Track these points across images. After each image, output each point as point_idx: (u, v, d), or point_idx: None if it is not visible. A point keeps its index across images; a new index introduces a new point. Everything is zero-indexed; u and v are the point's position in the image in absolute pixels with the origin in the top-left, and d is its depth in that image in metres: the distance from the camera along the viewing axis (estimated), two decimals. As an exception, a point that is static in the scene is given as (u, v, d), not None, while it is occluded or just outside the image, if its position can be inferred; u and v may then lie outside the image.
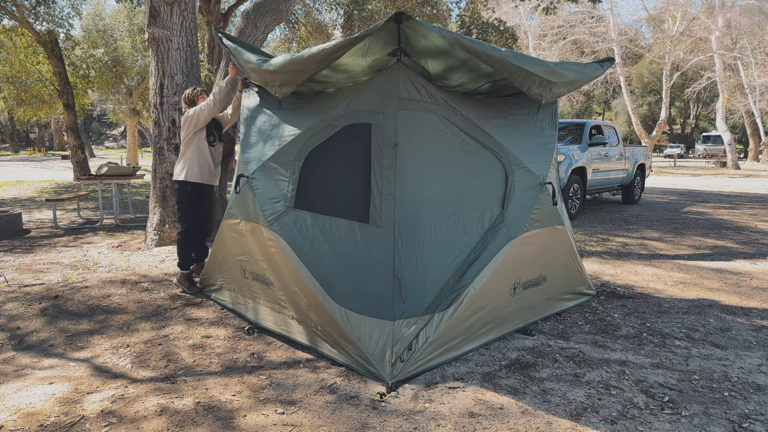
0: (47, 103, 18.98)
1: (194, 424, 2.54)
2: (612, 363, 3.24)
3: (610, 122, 21.39)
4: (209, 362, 3.24)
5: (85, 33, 21.34)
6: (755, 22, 25.68)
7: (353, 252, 3.21)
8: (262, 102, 4.07)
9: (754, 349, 3.49)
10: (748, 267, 5.70)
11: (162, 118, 6.16)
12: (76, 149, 14.07)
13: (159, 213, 6.29)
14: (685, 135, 49.23)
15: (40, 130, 47.21)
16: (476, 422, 2.55)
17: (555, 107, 4.17)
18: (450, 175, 3.39)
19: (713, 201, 12.13)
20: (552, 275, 3.97)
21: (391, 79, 3.24)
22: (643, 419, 2.59)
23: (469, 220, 3.41)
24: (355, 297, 3.10)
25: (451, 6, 22.26)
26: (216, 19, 9.51)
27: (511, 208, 3.58)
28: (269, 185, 3.73)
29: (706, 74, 29.37)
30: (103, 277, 5.09)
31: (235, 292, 4.06)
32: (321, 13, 17.34)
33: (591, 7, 23.46)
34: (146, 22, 6.13)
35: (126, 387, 2.91)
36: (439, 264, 3.21)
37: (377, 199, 3.18)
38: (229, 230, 4.05)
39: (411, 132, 3.23)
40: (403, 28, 2.75)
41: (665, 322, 3.99)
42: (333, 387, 2.91)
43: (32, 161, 30.91)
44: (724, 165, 27.15)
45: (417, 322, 3.03)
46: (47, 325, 3.87)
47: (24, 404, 2.72)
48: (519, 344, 3.51)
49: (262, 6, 6.98)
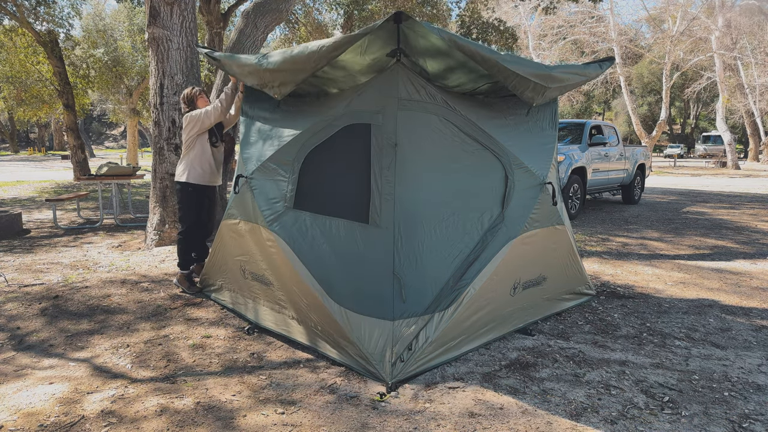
0: (47, 103, 18.99)
1: (194, 424, 2.54)
2: (612, 363, 3.24)
3: (610, 122, 21.39)
4: (209, 362, 3.24)
5: (85, 33, 21.35)
6: (755, 22, 25.68)
7: (353, 252, 3.21)
8: (262, 102, 4.07)
9: (754, 349, 3.49)
10: (748, 267, 5.70)
11: (162, 118, 6.16)
12: (76, 149, 14.07)
13: (159, 213, 6.29)
14: (685, 135, 49.23)
15: (40, 130, 47.22)
16: (476, 422, 2.55)
17: (555, 107, 4.17)
18: (450, 175, 3.38)
19: (713, 201, 12.13)
20: (552, 275, 3.97)
21: (390, 79, 3.24)
22: (643, 419, 2.59)
23: (468, 220, 3.41)
24: (355, 297, 3.10)
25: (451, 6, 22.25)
26: (216, 19, 9.51)
27: (510, 208, 3.58)
28: (268, 185, 3.73)
29: (706, 74, 29.37)
30: (103, 277, 5.09)
31: (235, 292, 4.06)
32: (321, 13, 17.34)
33: (591, 7, 23.47)
34: (146, 22, 6.13)
35: (126, 387, 2.91)
36: (439, 264, 3.21)
37: (377, 199, 3.18)
38: (228, 230, 4.05)
39: (410, 132, 3.23)
40: (403, 27, 2.75)
41: (665, 322, 3.99)
42: (333, 387, 2.91)
43: (32, 161, 30.91)
44: (724, 165, 27.15)
45: (417, 322, 3.03)
46: (47, 325, 3.87)
47: (24, 404, 2.72)
48: (519, 344, 3.51)
49: (262, 6, 6.98)
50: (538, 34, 26.78)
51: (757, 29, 26.24)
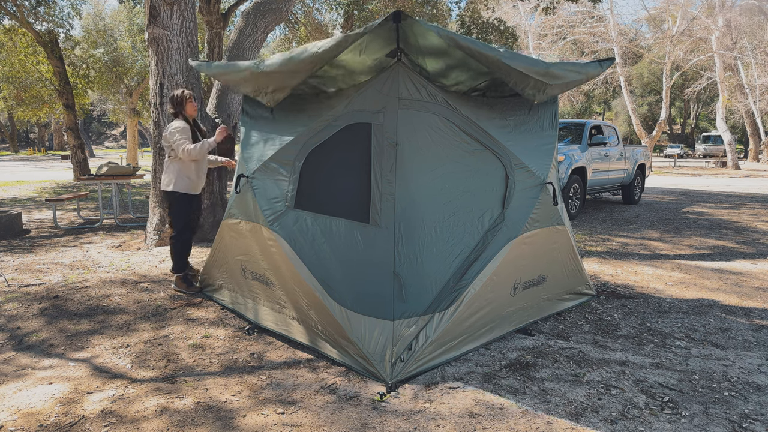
0: (47, 103, 19.00)
1: (194, 424, 2.54)
2: (612, 363, 3.24)
3: (610, 122, 21.37)
4: (209, 362, 3.24)
5: (85, 33, 21.36)
6: (755, 22, 25.69)
7: (353, 252, 3.21)
8: (263, 102, 4.07)
9: (754, 349, 3.49)
10: (748, 267, 5.70)
11: (162, 118, 6.16)
12: (76, 149, 14.07)
13: (159, 213, 6.29)
14: (685, 135, 49.22)
15: (40, 130, 47.21)
16: (476, 422, 2.55)
17: (555, 107, 4.17)
18: (450, 174, 3.38)
19: (713, 201, 12.13)
20: (552, 275, 3.97)
21: (391, 78, 3.24)
22: (643, 419, 2.59)
23: (469, 220, 3.41)
24: (356, 297, 3.10)
25: (451, 6, 22.26)
26: (216, 19, 9.51)
27: (511, 208, 3.58)
28: (269, 185, 3.73)
29: (706, 74, 29.35)
30: (103, 277, 5.09)
31: (235, 292, 4.06)
32: (321, 13, 17.35)
33: (591, 7, 23.46)
34: (146, 22, 6.12)
35: (126, 387, 2.91)
36: (440, 264, 3.21)
37: (377, 198, 3.18)
38: (229, 230, 4.05)
39: (411, 132, 3.23)
40: (402, 26, 2.75)
41: (665, 322, 3.99)
42: (333, 387, 2.91)
43: (32, 161, 30.91)
44: (724, 165, 27.14)
45: (417, 322, 3.03)
46: (47, 325, 3.87)
47: (24, 404, 2.71)
48: (519, 344, 3.51)
49: (262, 6, 6.98)
50: (538, 34, 26.78)
51: (757, 29, 26.25)
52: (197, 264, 5.47)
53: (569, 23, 25.57)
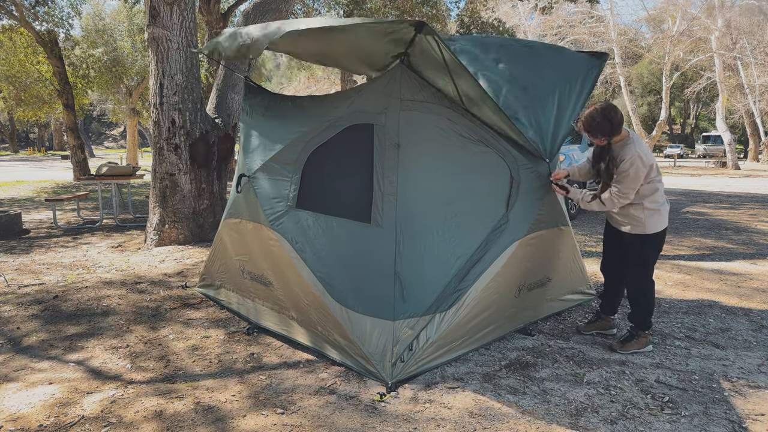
0: (47, 103, 18.99)
1: (193, 425, 2.53)
2: (612, 363, 3.24)
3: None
4: (208, 363, 3.24)
5: (84, 33, 21.34)
6: (755, 22, 25.67)
7: (355, 252, 3.20)
8: (264, 102, 4.06)
9: (754, 349, 3.48)
10: (748, 267, 5.69)
11: (162, 118, 6.16)
12: (75, 149, 14.06)
13: (159, 213, 6.29)
14: (685, 135, 49.23)
15: (39, 130, 47.20)
16: (476, 422, 2.54)
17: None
18: (453, 175, 3.37)
19: (713, 201, 12.13)
20: (556, 276, 3.95)
21: (393, 79, 3.24)
22: (643, 419, 2.59)
23: (472, 222, 3.37)
24: (356, 297, 3.10)
25: (450, 6, 22.25)
26: (216, 19, 9.51)
27: (515, 209, 3.53)
28: (271, 185, 3.72)
29: (706, 74, 29.35)
30: (103, 278, 5.08)
31: (235, 292, 4.06)
32: (321, 12, 17.33)
33: (590, 8, 23.45)
34: (146, 22, 6.12)
35: (125, 388, 2.90)
36: (441, 265, 3.20)
37: (379, 199, 3.17)
38: (229, 230, 4.04)
39: (413, 132, 3.23)
40: (420, 37, 2.76)
41: (665, 322, 3.99)
42: (333, 387, 2.91)
43: (32, 161, 30.89)
44: (724, 165, 27.14)
45: (418, 323, 3.02)
46: (46, 325, 3.86)
47: (23, 405, 2.71)
48: (519, 344, 3.50)
49: (262, 6, 6.98)
50: (537, 34, 26.75)
51: (756, 29, 26.24)
52: (197, 264, 5.47)
53: (569, 23, 25.56)
